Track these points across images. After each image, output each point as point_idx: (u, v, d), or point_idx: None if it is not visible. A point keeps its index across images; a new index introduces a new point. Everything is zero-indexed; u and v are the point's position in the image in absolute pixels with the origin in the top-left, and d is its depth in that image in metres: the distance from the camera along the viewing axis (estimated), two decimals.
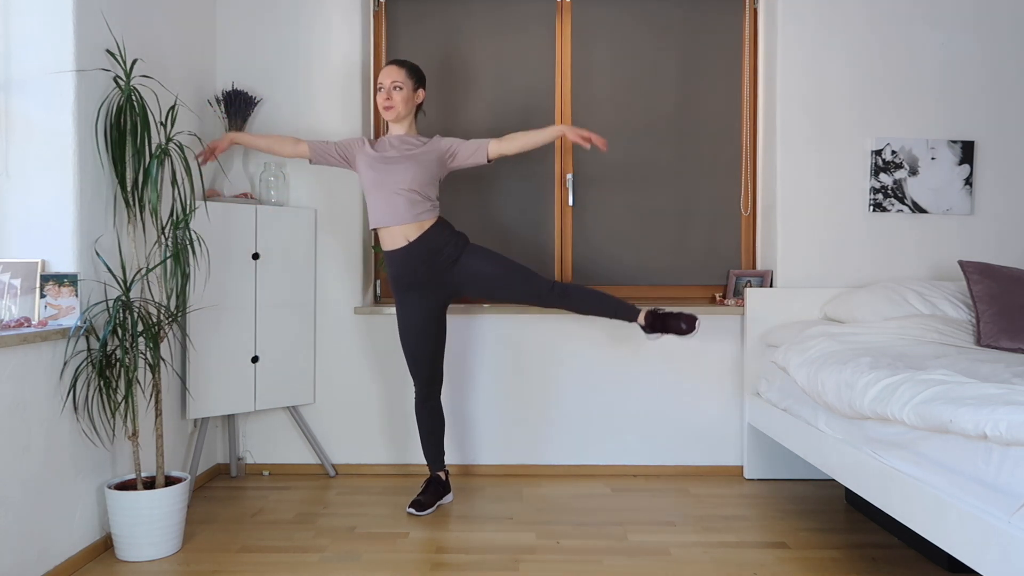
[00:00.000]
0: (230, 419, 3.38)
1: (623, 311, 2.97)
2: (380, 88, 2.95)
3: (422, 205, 2.89)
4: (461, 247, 2.92)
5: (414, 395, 3.04)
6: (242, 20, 3.45)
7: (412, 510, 2.92)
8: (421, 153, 2.92)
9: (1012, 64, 3.46)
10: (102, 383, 2.43)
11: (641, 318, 2.98)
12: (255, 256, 3.24)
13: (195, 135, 3.03)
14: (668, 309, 3.02)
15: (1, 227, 2.44)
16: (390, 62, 2.99)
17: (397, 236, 2.89)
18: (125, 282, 2.46)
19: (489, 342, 3.49)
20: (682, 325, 2.93)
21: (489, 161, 2.98)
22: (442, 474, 3.08)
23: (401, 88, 2.93)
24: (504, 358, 3.49)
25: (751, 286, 3.43)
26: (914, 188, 3.44)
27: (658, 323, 2.97)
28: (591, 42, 3.65)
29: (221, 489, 3.26)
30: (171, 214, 2.66)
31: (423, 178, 2.89)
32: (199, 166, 3.02)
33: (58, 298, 2.39)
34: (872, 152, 3.43)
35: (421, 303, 2.94)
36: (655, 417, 3.49)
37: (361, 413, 3.51)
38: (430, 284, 2.93)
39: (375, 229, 2.95)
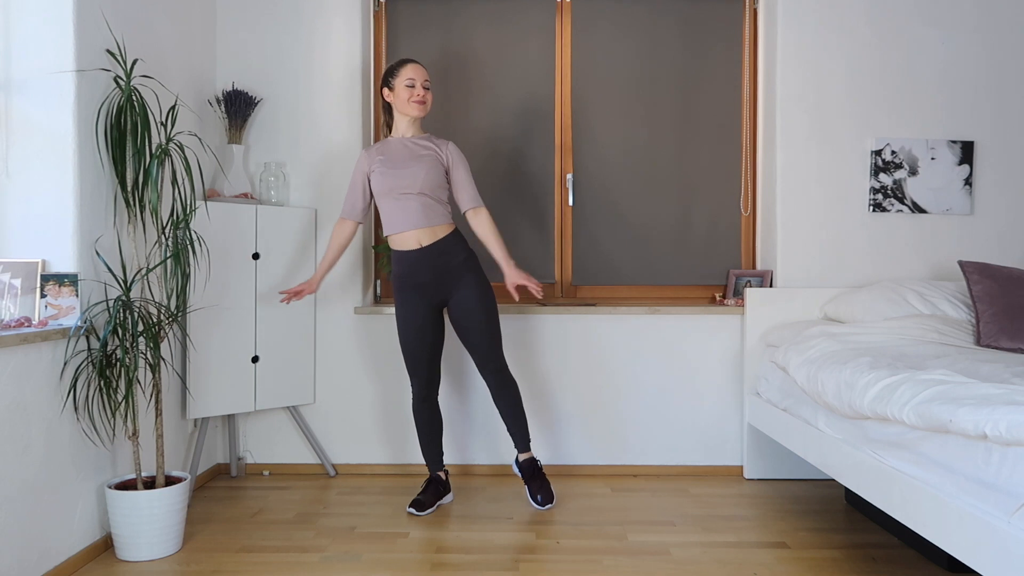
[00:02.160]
0: (230, 419, 3.38)
1: (519, 438, 3.02)
2: (410, 85, 2.92)
3: (435, 210, 2.90)
4: (469, 267, 2.94)
5: (412, 396, 3.04)
6: (242, 20, 3.45)
7: (412, 510, 2.92)
8: (428, 155, 2.92)
9: (1012, 64, 3.46)
10: (102, 383, 2.43)
11: (523, 456, 3.04)
12: (255, 256, 3.24)
13: (195, 135, 3.03)
14: (544, 474, 3.06)
15: (1, 227, 2.45)
16: (413, 61, 2.97)
17: (410, 240, 2.90)
18: (125, 282, 2.46)
19: None
20: (538, 497, 2.98)
21: (462, 212, 3.01)
22: (442, 474, 3.08)
23: (429, 87, 2.97)
24: None
25: (751, 286, 3.43)
26: (914, 188, 3.44)
27: (529, 473, 3.03)
28: (591, 42, 3.65)
29: (221, 489, 3.26)
30: (171, 214, 2.66)
31: (433, 180, 2.89)
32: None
33: (58, 298, 2.39)
34: (872, 152, 3.43)
35: (422, 303, 2.95)
36: (655, 417, 3.50)
37: (361, 413, 3.51)
38: (432, 286, 2.93)
39: (387, 236, 2.95)
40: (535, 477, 3.03)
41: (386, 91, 2.99)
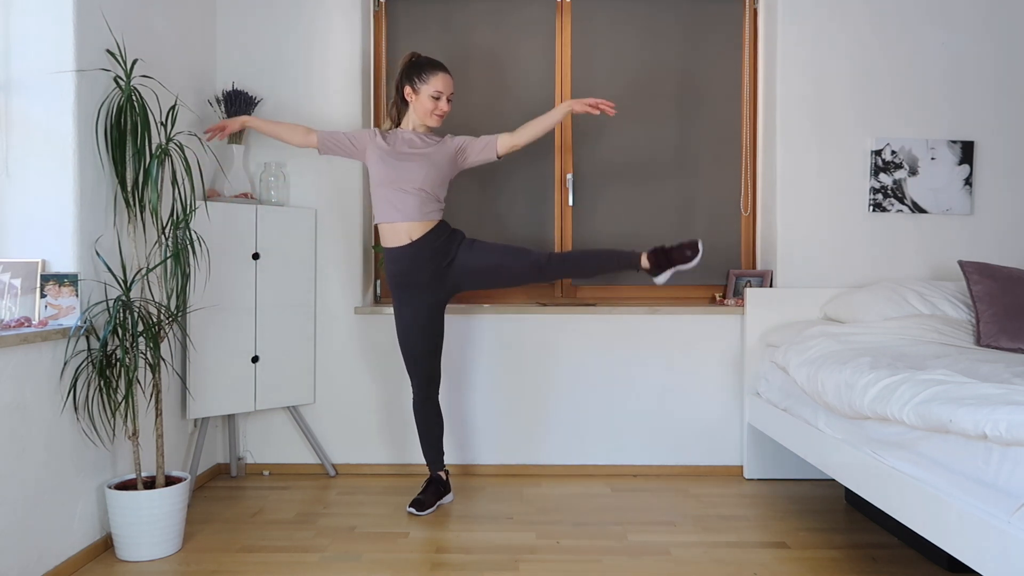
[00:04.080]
0: (230, 419, 3.38)
1: (625, 260, 2.97)
2: (436, 97, 2.91)
3: (431, 205, 2.90)
4: (457, 244, 2.93)
5: (412, 395, 3.04)
6: (242, 20, 3.45)
7: (412, 510, 2.92)
8: (434, 152, 2.92)
9: (1012, 64, 3.46)
10: (102, 383, 2.43)
11: (644, 260, 2.96)
12: (255, 256, 3.24)
13: (195, 135, 3.03)
14: (669, 244, 2.98)
15: (1, 227, 2.45)
16: (444, 68, 2.94)
17: (401, 233, 2.89)
18: (125, 282, 2.46)
19: (488, 342, 3.49)
20: (687, 253, 2.90)
21: (499, 156, 2.98)
22: (442, 474, 3.08)
23: (452, 99, 2.98)
24: (503, 358, 3.49)
25: (751, 286, 3.43)
26: (914, 188, 3.44)
27: (663, 260, 2.94)
28: (591, 42, 3.65)
29: (221, 489, 3.26)
30: (171, 214, 2.66)
31: (435, 178, 2.89)
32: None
33: (58, 298, 2.39)
34: (872, 152, 3.43)
35: (419, 302, 2.94)
36: (655, 417, 3.49)
37: (361, 413, 3.51)
38: (429, 283, 2.93)
39: (377, 225, 2.95)
40: (666, 258, 2.93)
41: (408, 89, 2.94)
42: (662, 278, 2.97)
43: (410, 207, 2.87)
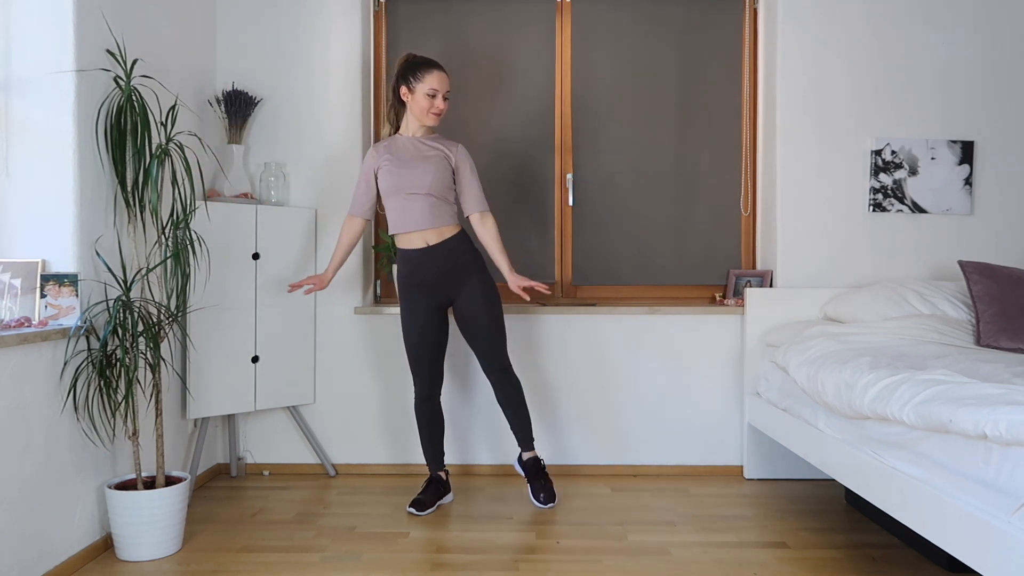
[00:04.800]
0: (230, 419, 3.38)
1: (523, 436, 3.03)
2: (432, 95, 2.90)
3: (442, 210, 2.90)
4: (475, 268, 2.94)
5: (414, 395, 3.04)
6: (242, 20, 3.45)
7: (412, 510, 2.92)
8: (436, 156, 2.91)
9: (1012, 64, 3.46)
10: (102, 383, 2.43)
11: (527, 455, 3.04)
12: (255, 256, 3.24)
13: (195, 135, 3.03)
14: (547, 474, 3.06)
15: (1, 227, 2.45)
16: (438, 67, 2.93)
17: (415, 239, 2.90)
18: (125, 282, 2.46)
19: None
20: (540, 496, 2.98)
21: (466, 216, 3.02)
22: (442, 474, 3.08)
23: (449, 97, 2.96)
24: None
25: (751, 286, 3.43)
26: (914, 188, 3.44)
27: (532, 472, 3.03)
28: (591, 42, 3.65)
29: (221, 489, 3.26)
30: (171, 214, 2.66)
31: (441, 181, 2.89)
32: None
33: (58, 298, 2.39)
34: (872, 152, 3.43)
35: (426, 302, 2.94)
36: (655, 417, 3.49)
37: (361, 413, 3.51)
38: (438, 286, 2.93)
39: (393, 236, 2.95)
40: (538, 476, 3.03)
41: (404, 89, 2.94)
42: (519, 472, 3.09)
43: (421, 213, 2.87)
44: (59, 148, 2.42)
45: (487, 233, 3.00)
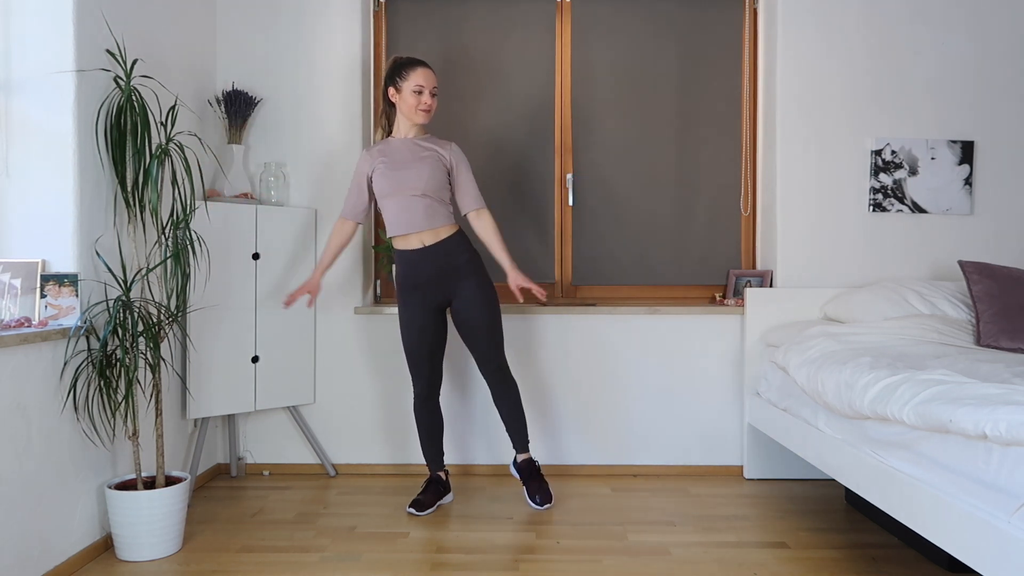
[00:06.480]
0: (230, 419, 3.38)
1: (518, 438, 3.03)
2: (418, 92, 2.89)
3: (438, 211, 2.89)
4: (472, 268, 2.93)
5: (413, 395, 3.04)
6: (242, 20, 3.45)
7: (412, 510, 2.92)
8: (430, 156, 2.91)
9: (1011, 64, 3.46)
10: (102, 383, 2.43)
11: (521, 457, 3.05)
12: (255, 256, 3.24)
13: (195, 135, 3.03)
14: (542, 475, 3.06)
15: (1, 227, 2.45)
16: (423, 64, 2.93)
17: (412, 240, 2.90)
18: (125, 282, 2.46)
19: None
20: (536, 497, 2.98)
21: (464, 215, 3.01)
22: (442, 474, 3.08)
23: (436, 92, 2.95)
24: None
25: (751, 286, 3.43)
26: (914, 188, 3.44)
27: (527, 474, 3.03)
28: (591, 42, 3.65)
29: (221, 489, 3.26)
30: (171, 214, 2.66)
31: (436, 182, 2.89)
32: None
33: (58, 298, 2.39)
34: (872, 152, 3.43)
35: (425, 302, 2.94)
36: (655, 417, 3.50)
37: (361, 413, 3.51)
38: (436, 286, 2.93)
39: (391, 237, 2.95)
40: (533, 478, 3.03)
41: (391, 90, 2.94)
42: (514, 476, 3.10)
43: (417, 214, 2.87)
44: (59, 148, 2.42)
45: (485, 229, 3.00)
